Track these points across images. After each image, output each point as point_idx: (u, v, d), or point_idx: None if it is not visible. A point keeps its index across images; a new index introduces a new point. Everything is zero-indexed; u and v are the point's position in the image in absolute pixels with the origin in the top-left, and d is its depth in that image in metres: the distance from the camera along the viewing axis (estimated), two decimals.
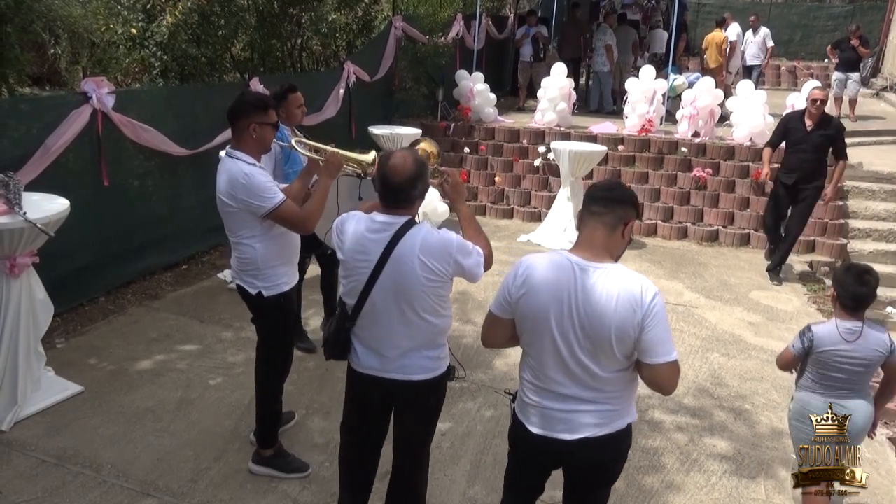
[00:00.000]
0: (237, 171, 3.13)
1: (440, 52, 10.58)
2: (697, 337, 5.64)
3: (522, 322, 2.35)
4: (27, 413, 3.99)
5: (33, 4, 6.49)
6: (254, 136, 3.20)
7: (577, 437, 2.32)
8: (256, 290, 3.32)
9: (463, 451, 3.90)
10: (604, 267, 2.26)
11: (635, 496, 3.63)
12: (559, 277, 2.27)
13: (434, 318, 2.63)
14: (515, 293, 2.33)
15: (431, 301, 2.60)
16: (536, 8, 14.40)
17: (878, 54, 15.88)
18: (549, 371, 2.33)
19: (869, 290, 3.17)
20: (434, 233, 2.58)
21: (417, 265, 2.52)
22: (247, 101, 3.25)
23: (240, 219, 3.20)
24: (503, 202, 9.20)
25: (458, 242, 2.58)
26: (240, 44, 8.91)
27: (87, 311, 5.41)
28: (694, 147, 8.96)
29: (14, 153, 4.68)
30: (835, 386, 3.21)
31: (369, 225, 2.61)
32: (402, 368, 2.67)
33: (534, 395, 2.39)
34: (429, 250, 2.53)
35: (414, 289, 2.55)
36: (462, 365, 2.92)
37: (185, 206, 6.40)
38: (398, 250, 2.54)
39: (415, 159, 2.58)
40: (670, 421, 4.37)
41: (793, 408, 3.41)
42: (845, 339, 3.13)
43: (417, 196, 2.61)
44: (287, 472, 3.60)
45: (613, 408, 2.33)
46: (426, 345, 2.67)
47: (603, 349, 2.24)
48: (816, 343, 3.19)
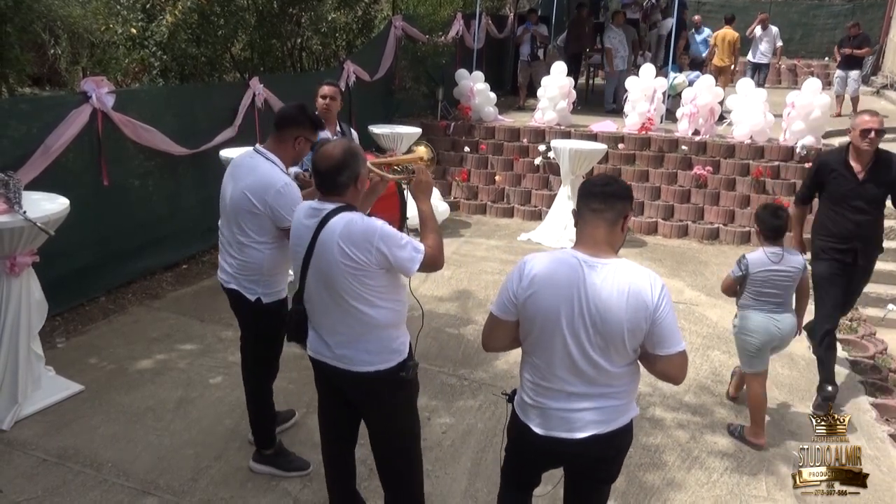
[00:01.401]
0: (277, 179, 3.14)
1: (440, 52, 10.59)
2: (698, 335, 5.64)
3: (530, 323, 2.33)
4: (27, 412, 3.99)
5: (33, 4, 6.50)
6: (296, 147, 3.25)
7: (584, 435, 2.32)
8: (256, 296, 3.30)
9: (464, 449, 3.90)
10: (610, 262, 2.27)
11: (636, 493, 3.63)
12: (568, 276, 2.26)
13: (367, 308, 2.59)
14: (522, 294, 2.31)
15: (358, 289, 2.56)
16: (536, 7, 14.40)
17: (878, 52, 15.87)
18: (557, 370, 2.32)
19: (782, 223, 4.04)
20: (360, 220, 2.56)
21: (336, 251, 2.52)
22: (305, 114, 3.29)
23: (258, 222, 3.19)
24: (503, 201, 9.20)
25: (382, 231, 2.53)
26: (240, 43, 8.90)
27: (87, 311, 5.42)
28: (694, 145, 8.95)
29: (14, 153, 4.69)
30: (769, 302, 4.04)
31: (306, 211, 2.67)
32: (343, 358, 2.66)
33: (537, 395, 2.38)
34: (349, 237, 2.52)
35: (335, 275, 2.55)
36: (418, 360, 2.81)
37: (186, 205, 6.40)
38: (321, 235, 2.57)
39: (344, 148, 2.62)
40: (671, 418, 4.37)
41: (737, 324, 4.19)
42: (772, 260, 3.99)
43: (346, 183, 2.62)
44: (288, 470, 3.60)
45: (619, 403, 2.35)
46: (365, 336, 2.63)
47: (615, 345, 2.25)
48: (750, 266, 4.03)
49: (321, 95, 4.66)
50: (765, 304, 4.04)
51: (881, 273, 7.66)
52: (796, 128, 8.58)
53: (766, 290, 4.01)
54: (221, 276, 3.40)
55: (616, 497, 3.57)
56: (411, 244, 2.59)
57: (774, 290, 4.01)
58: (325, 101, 4.65)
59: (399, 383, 2.72)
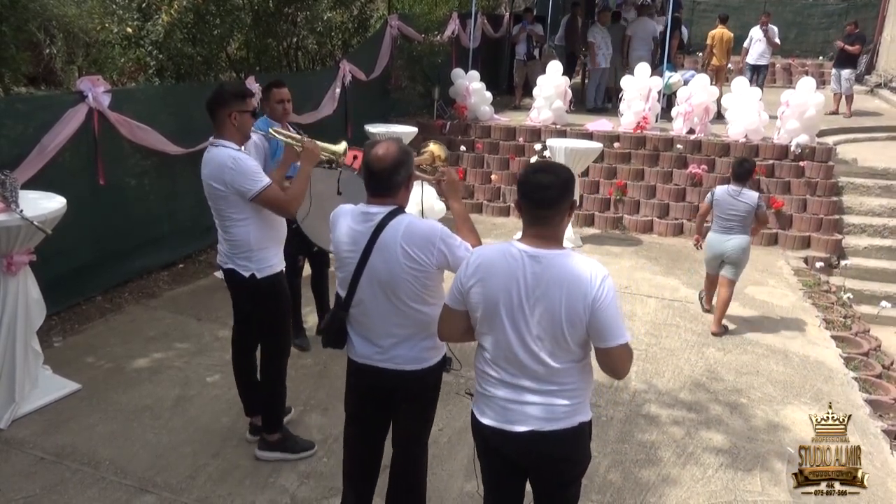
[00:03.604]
0: (225, 156, 3.25)
1: (436, 51, 10.59)
2: (693, 332, 5.66)
3: (475, 312, 2.34)
4: (25, 411, 3.99)
5: (28, 4, 6.49)
6: (234, 124, 3.33)
7: (525, 429, 2.30)
8: (250, 273, 3.40)
9: (461, 446, 3.91)
10: (554, 253, 2.25)
11: (632, 489, 3.65)
12: (509, 266, 2.26)
13: (423, 306, 2.64)
14: (466, 283, 2.33)
15: (417, 290, 2.60)
16: (532, 6, 14.42)
17: (872, 51, 15.93)
18: (500, 361, 2.33)
19: (744, 170, 5.50)
20: (419, 222, 2.59)
21: (400, 253, 2.54)
22: (226, 91, 3.39)
23: (230, 202, 3.30)
24: (499, 200, 9.22)
25: (443, 232, 2.58)
26: (235, 43, 8.89)
27: (84, 310, 5.42)
28: (689, 144, 8.99)
29: (11, 152, 4.69)
30: (726, 226, 5.52)
31: (356, 216, 2.66)
32: (396, 358, 2.69)
33: (489, 385, 2.38)
34: (412, 238, 2.54)
35: (397, 277, 2.57)
36: (456, 357, 2.92)
37: (182, 205, 6.40)
38: (381, 239, 2.56)
39: (398, 147, 2.61)
40: (666, 415, 4.39)
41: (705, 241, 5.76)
42: (732, 195, 5.48)
43: (401, 183, 2.62)
44: (296, 452, 3.67)
45: (564, 402, 2.29)
46: (418, 334, 2.68)
47: (556, 337, 2.23)
48: (716, 196, 5.58)
49: (277, 100, 4.43)
50: (720, 227, 5.56)
51: (874, 271, 7.73)
52: (791, 126, 8.62)
53: (724, 217, 5.52)
54: (220, 258, 3.54)
55: (612, 493, 3.60)
56: (464, 244, 2.62)
57: (729, 218, 5.49)
58: (281, 106, 4.45)
59: (437, 378, 2.81)
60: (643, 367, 4.98)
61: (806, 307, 6.35)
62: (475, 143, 9.70)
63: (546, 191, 2.23)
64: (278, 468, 3.63)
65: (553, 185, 2.24)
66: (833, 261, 7.83)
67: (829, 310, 6.33)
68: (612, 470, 3.79)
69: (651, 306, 6.15)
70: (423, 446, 2.93)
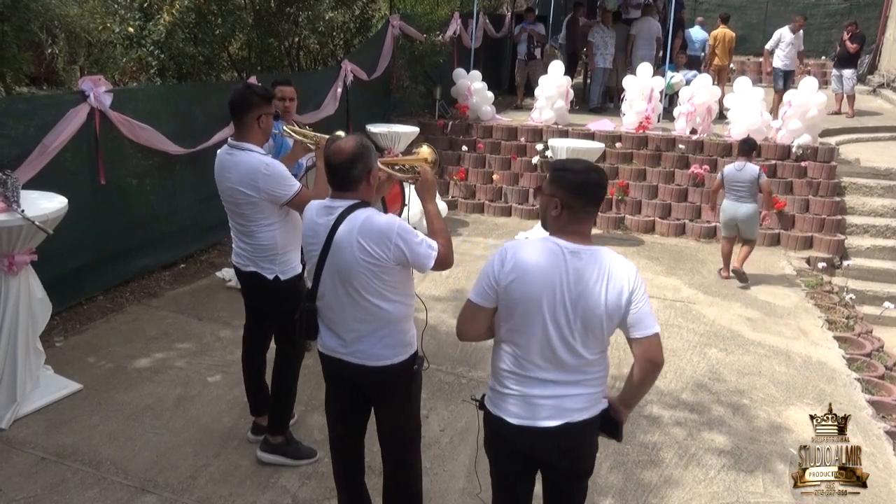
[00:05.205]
0: (258, 163, 3.23)
1: (437, 51, 10.57)
2: (695, 332, 5.65)
3: (510, 308, 2.33)
4: (26, 411, 3.99)
5: (30, 3, 6.49)
6: (261, 127, 3.32)
7: (558, 422, 2.32)
8: (274, 275, 3.41)
9: (462, 447, 3.91)
10: (592, 249, 2.31)
11: (634, 490, 3.64)
12: (551, 262, 2.28)
13: (383, 302, 2.63)
14: (504, 279, 2.31)
15: (375, 285, 2.60)
16: (534, 6, 14.40)
17: (874, 51, 15.90)
18: (535, 357, 2.33)
19: (747, 146, 6.78)
20: (378, 216, 2.59)
21: (356, 247, 2.55)
22: (256, 93, 3.36)
23: (260, 207, 3.29)
24: (501, 200, 9.22)
25: (401, 227, 2.57)
26: (237, 42, 8.90)
27: (85, 310, 5.42)
28: (691, 144, 8.97)
29: (12, 152, 4.68)
30: (737, 196, 6.69)
31: (319, 210, 2.68)
32: (359, 353, 2.69)
33: (514, 384, 2.38)
34: (368, 233, 2.55)
35: (353, 270, 2.57)
36: (426, 355, 2.86)
37: (183, 204, 6.40)
38: (339, 233, 2.58)
39: (356, 142, 2.63)
40: (668, 416, 4.38)
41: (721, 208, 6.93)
42: (737, 169, 6.68)
43: (360, 177, 2.63)
44: (297, 458, 3.65)
45: (595, 390, 2.38)
46: (380, 330, 2.67)
47: (593, 330, 2.29)
48: (725, 173, 6.79)
49: (279, 97, 4.45)
50: (733, 197, 6.73)
51: (877, 271, 7.71)
52: (793, 126, 8.60)
53: (733, 188, 6.70)
54: (238, 260, 3.50)
55: (614, 494, 3.59)
56: (426, 241, 2.63)
57: (737, 189, 6.68)
58: (283, 104, 4.50)
59: (411, 375, 2.79)
60: None
61: (808, 308, 6.33)
62: (477, 143, 9.69)
63: (602, 190, 2.36)
64: (279, 469, 3.62)
65: (605, 184, 2.40)
66: (835, 261, 7.82)
67: (832, 310, 6.31)
68: (614, 471, 3.78)
69: (653, 307, 6.11)
70: (409, 444, 2.92)
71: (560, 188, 2.32)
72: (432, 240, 2.68)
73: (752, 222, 6.72)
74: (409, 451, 2.92)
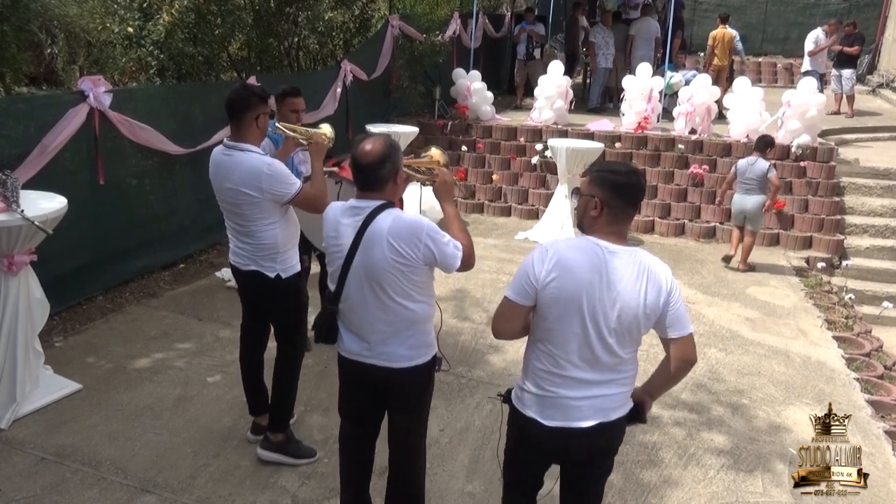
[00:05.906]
0: (259, 163, 3.23)
1: (437, 51, 10.58)
2: (695, 333, 5.61)
3: (549, 307, 2.32)
4: (26, 411, 3.99)
5: (30, 3, 6.49)
6: (259, 127, 3.33)
7: (592, 423, 2.35)
8: (275, 273, 3.42)
9: (461, 447, 3.91)
10: (630, 249, 2.34)
11: (633, 490, 3.64)
12: (591, 262, 2.29)
13: (410, 303, 2.64)
14: (544, 277, 2.30)
15: (403, 285, 2.60)
16: (533, 6, 14.41)
17: (874, 51, 15.90)
18: (572, 356, 2.33)
19: (762, 143, 7.18)
20: (406, 216, 2.59)
21: (386, 247, 2.54)
22: (254, 93, 3.36)
23: (262, 206, 3.29)
24: (501, 200, 9.22)
25: (429, 227, 2.57)
26: (236, 42, 8.90)
27: (85, 310, 5.42)
28: (691, 144, 8.98)
29: (11, 152, 4.68)
30: (746, 188, 7.08)
31: (345, 211, 2.67)
32: (384, 355, 2.69)
33: (550, 385, 2.37)
34: (398, 233, 2.54)
35: (383, 271, 2.57)
36: (445, 357, 2.90)
37: (183, 204, 6.40)
38: (368, 233, 2.57)
39: (384, 141, 2.62)
40: (668, 416, 4.38)
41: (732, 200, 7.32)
42: (749, 163, 7.06)
43: (387, 177, 2.62)
44: (297, 457, 3.65)
45: (624, 390, 2.42)
46: (405, 330, 2.67)
47: (630, 330, 2.32)
48: (738, 167, 7.17)
49: (291, 109, 4.30)
50: (743, 189, 7.11)
51: (876, 271, 7.71)
52: (792, 127, 8.61)
53: (744, 181, 7.08)
54: (237, 259, 3.49)
55: (613, 494, 3.59)
56: (452, 242, 2.63)
57: (747, 182, 7.06)
58: (295, 115, 4.29)
59: (431, 376, 2.81)
60: (644, 368, 4.92)
61: (807, 308, 6.34)
62: (476, 143, 9.69)
63: (641, 192, 2.42)
64: (279, 468, 3.62)
65: (644, 187, 2.47)
66: (835, 261, 7.82)
67: (831, 310, 6.32)
68: (614, 471, 3.70)
69: None
70: (418, 445, 2.92)
71: (602, 189, 2.34)
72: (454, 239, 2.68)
73: (757, 213, 7.10)
74: (417, 453, 2.92)
